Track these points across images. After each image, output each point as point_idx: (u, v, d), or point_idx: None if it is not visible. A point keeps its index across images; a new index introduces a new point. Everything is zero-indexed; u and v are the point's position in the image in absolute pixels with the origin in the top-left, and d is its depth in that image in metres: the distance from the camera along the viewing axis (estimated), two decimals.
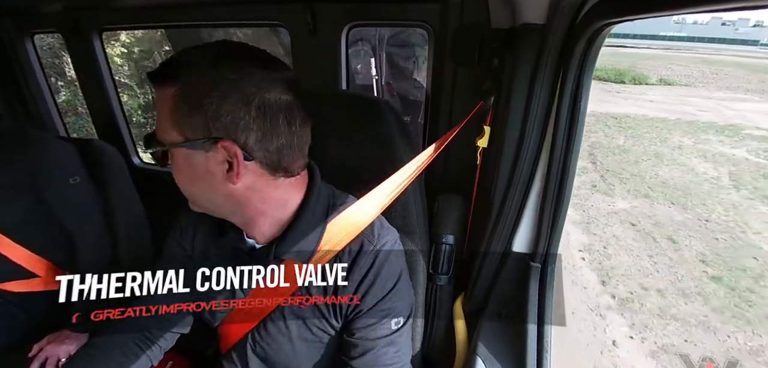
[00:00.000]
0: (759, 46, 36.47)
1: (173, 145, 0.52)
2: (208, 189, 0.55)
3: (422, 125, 1.26)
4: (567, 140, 0.66)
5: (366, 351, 0.60)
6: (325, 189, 0.65)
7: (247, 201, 0.56)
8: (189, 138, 0.51)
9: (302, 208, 0.60)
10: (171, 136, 0.52)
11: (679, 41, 36.51)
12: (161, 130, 0.53)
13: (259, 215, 0.59)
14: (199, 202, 0.58)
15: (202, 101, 0.49)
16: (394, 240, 0.64)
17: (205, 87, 0.49)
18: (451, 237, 0.89)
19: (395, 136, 0.77)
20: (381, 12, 1.02)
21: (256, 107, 0.51)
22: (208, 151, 0.51)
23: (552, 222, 0.71)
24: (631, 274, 3.17)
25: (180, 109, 0.50)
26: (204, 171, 0.53)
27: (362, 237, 0.62)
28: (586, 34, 0.57)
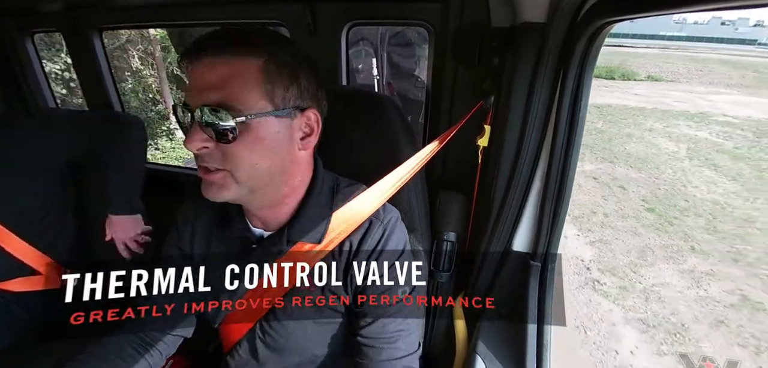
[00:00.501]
0: (756, 45, 36.97)
1: (263, 114, 0.53)
2: (278, 158, 0.56)
3: (423, 124, 1.26)
4: (567, 139, 0.66)
5: (374, 320, 0.62)
6: (328, 175, 0.69)
7: (297, 172, 0.61)
8: (279, 107, 0.54)
9: (311, 191, 0.64)
10: (259, 104, 0.52)
11: (677, 41, 36.83)
12: (241, 99, 0.51)
13: (290, 192, 0.62)
14: (258, 177, 0.56)
15: (297, 73, 0.55)
16: (398, 216, 0.68)
17: (295, 61, 0.55)
18: (453, 235, 0.89)
19: (398, 133, 0.77)
20: (381, 11, 1.02)
21: (320, 82, 0.60)
22: (293, 118, 0.56)
23: (552, 221, 0.71)
24: (585, 204, 4.29)
25: (275, 78, 0.53)
26: (285, 138, 0.56)
27: (371, 217, 0.65)
28: (586, 33, 0.57)
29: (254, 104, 0.52)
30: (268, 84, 0.52)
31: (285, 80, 0.54)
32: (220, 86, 0.51)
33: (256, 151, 0.54)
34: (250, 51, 0.52)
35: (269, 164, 0.56)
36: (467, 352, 0.79)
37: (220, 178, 0.55)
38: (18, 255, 1.04)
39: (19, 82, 1.52)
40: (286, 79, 0.54)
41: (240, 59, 0.51)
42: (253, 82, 0.52)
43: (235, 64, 0.51)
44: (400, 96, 2.40)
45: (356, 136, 0.79)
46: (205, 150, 0.53)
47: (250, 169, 0.55)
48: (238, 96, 0.51)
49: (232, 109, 0.50)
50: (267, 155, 0.55)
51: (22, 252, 1.05)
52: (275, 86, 0.53)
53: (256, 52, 0.52)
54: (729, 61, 17.80)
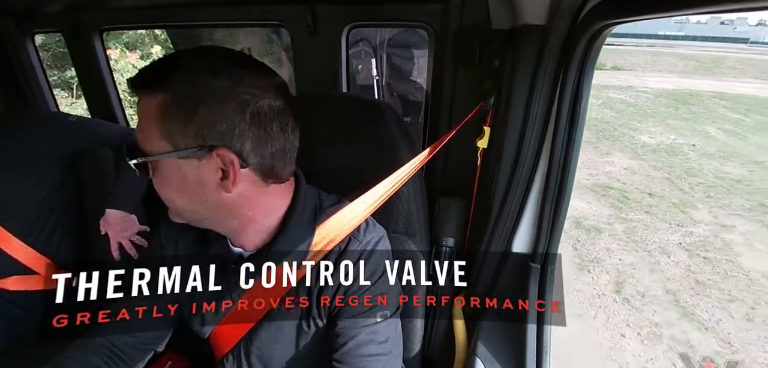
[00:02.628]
0: (749, 44, 38.61)
1: (163, 155, 0.50)
2: (197, 198, 0.53)
3: (422, 125, 1.26)
4: (567, 141, 0.66)
5: (346, 342, 0.59)
6: (312, 193, 0.65)
7: (237, 209, 0.56)
8: (180, 147, 0.49)
9: (290, 214, 0.60)
10: (158, 145, 0.50)
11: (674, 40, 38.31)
12: (145, 139, 0.50)
13: (247, 222, 0.58)
14: (184, 213, 0.56)
15: (196, 108, 0.48)
16: (379, 237, 0.65)
17: (199, 94, 0.48)
18: (451, 240, 0.89)
19: (397, 139, 0.77)
20: (381, 12, 1.02)
21: (251, 114, 0.50)
22: (201, 159, 0.50)
23: (552, 223, 0.71)
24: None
25: (171, 117, 0.48)
26: (195, 180, 0.51)
27: (350, 236, 0.62)
28: (586, 34, 0.57)
29: (153, 144, 0.50)
30: (165, 123, 0.49)
31: (181, 118, 0.48)
32: (138, 125, 0.52)
33: (168, 189, 0.53)
34: (152, 87, 0.49)
35: (188, 202, 0.54)
36: (467, 354, 0.79)
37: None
38: (17, 255, 1.04)
39: (19, 82, 1.52)
40: (183, 116, 0.48)
41: (146, 97, 0.50)
42: (153, 121, 0.49)
43: (143, 103, 0.50)
44: (400, 97, 2.40)
45: (355, 143, 0.79)
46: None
47: (171, 203, 0.55)
48: (143, 136, 0.51)
49: (138, 149, 0.51)
50: (181, 194, 0.53)
51: (20, 252, 1.05)
52: (172, 124, 0.49)
53: (157, 87, 0.49)
54: (684, 55, 20.54)
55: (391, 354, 0.61)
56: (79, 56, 1.41)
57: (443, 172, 1.02)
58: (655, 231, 3.70)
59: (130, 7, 1.27)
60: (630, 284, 2.94)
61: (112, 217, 1.08)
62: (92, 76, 1.42)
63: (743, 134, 7.17)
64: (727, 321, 2.56)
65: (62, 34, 1.39)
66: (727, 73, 15.49)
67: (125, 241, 1.09)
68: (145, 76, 0.50)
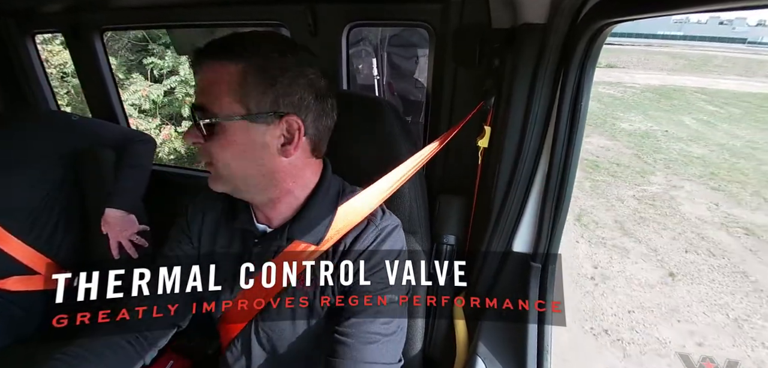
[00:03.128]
0: (746, 43, 40.39)
1: (237, 116, 0.54)
2: (255, 162, 0.57)
3: (423, 125, 1.26)
4: (568, 140, 0.66)
5: (352, 316, 0.61)
6: (336, 179, 0.69)
7: (285, 177, 0.61)
8: (253, 112, 0.55)
9: (316, 191, 0.65)
10: (231, 108, 0.54)
11: (672, 39, 39.50)
12: (215, 103, 0.55)
13: (285, 194, 0.63)
14: (234, 178, 0.59)
15: (276, 79, 0.55)
16: (396, 224, 0.68)
17: (277, 67, 0.55)
18: (452, 238, 0.89)
19: (397, 136, 0.77)
20: (382, 12, 1.02)
21: (316, 90, 0.59)
22: (269, 124, 0.56)
23: (553, 222, 0.71)
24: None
25: (250, 84, 0.54)
26: (260, 143, 0.56)
27: (367, 220, 0.66)
28: (587, 33, 0.57)
29: (227, 107, 0.54)
30: (241, 89, 0.54)
31: (260, 86, 0.55)
32: (205, 89, 0.56)
33: (229, 152, 0.56)
34: (230, 57, 0.54)
35: (244, 166, 0.58)
36: (468, 353, 0.79)
37: (212, 170, 0.60)
38: (17, 255, 1.05)
39: (19, 82, 1.52)
40: (262, 85, 0.55)
41: (221, 65, 0.54)
42: (227, 86, 0.54)
43: (217, 69, 0.55)
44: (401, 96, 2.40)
45: (355, 140, 0.79)
46: (197, 145, 0.58)
47: (225, 168, 0.58)
48: (214, 99, 0.55)
49: (206, 110, 0.55)
50: (240, 157, 0.57)
51: (21, 252, 1.05)
52: (250, 91, 0.54)
53: (235, 58, 0.54)
54: (675, 54, 22.69)
55: (393, 337, 0.62)
56: (79, 56, 1.41)
57: (443, 170, 1.02)
58: (616, 187, 4.67)
59: (129, 7, 1.27)
60: (587, 216, 3.93)
61: (112, 217, 1.08)
62: (93, 76, 1.42)
63: (715, 123, 8.15)
64: (656, 239, 3.55)
65: (62, 34, 1.39)
66: (714, 70, 17.19)
67: (125, 241, 1.09)
68: (225, 45, 0.55)
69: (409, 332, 0.82)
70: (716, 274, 3.02)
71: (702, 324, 2.50)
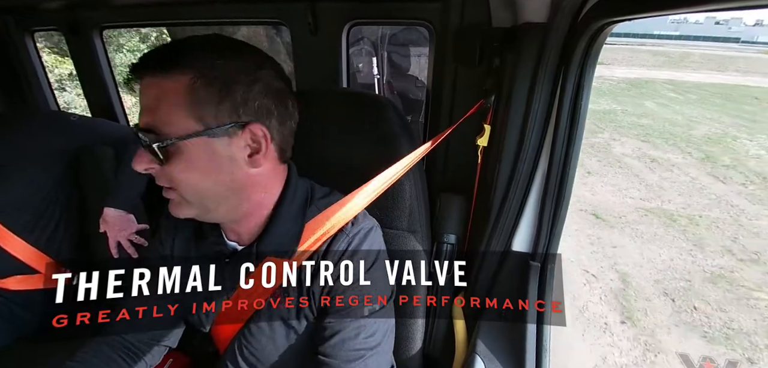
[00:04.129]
0: (740, 43, 43.13)
1: (193, 134, 0.49)
2: (223, 177, 0.53)
3: (423, 124, 1.25)
4: (568, 139, 0.66)
5: (333, 335, 0.58)
6: (303, 183, 0.65)
7: (256, 188, 0.57)
8: (211, 126, 0.50)
9: (282, 200, 0.61)
10: (186, 125, 0.49)
11: (668, 39, 41.50)
12: (167, 122, 0.49)
13: (256, 207, 0.59)
14: (203, 198, 0.55)
15: (231, 87, 0.50)
16: (368, 229, 0.64)
17: (230, 73, 0.50)
18: (453, 237, 0.89)
19: (398, 134, 0.77)
20: (382, 10, 1.01)
21: (275, 93, 0.54)
22: (232, 136, 0.52)
23: (552, 221, 0.71)
24: None
25: (202, 97, 0.49)
26: (225, 158, 0.52)
27: (339, 230, 0.62)
28: (587, 32, 0.57)
29: (181, 125, 0.49)
30: (195, 103, 0.49)
31: (215, 97, 0.50)
32: (151, 108, 0.50)
33: (193, 172, 0.52)
34: (177, 70, 0.49)
35: (212, 184, 0.53)
36: (467, 352, 0.79)
37: (174, 197, 0.54)
38: (17, 254, 1.05)
39: (19, 80, 1.52)
40: (217, 95, 0.50)
41: (166, 79, 0.49)
42: (178, 102, 0.49)
43: (162, 84, 0.49)
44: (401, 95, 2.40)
45: (355, 138, 0.79)
46: (152, 170, 0.52)
47: (194, 190, 0.53)
48: (165, 118, 0.49)
49: (158, 131, 0.49)
50: (206, 176, 0.52)
51: (21, 251, 1.05)
52: (204, 104, 0.49)
53: (182, 70, 0.49)
54: (658, 52, 25.28)
55: (378, 349, 0.60)
56: (79, 54, 1.41)
57: (444, 169, 1.02)
58: None
59: (129, 5, 1.26)
60: None
61: (111, 216, 1.08)
62: (92, 74, 1.42)
63: (671, 106, 9.64)
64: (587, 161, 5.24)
65: (62, 31, 1.39)
66: (689, 66, 19.31)
67: (124, 240, 1.09)
68: (163, 57, 0.50)
69: (408, 331, 0.82)
70: (620, 177, 4.82)
71: (600, 194, 4.32)
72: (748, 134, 7.05)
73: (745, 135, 7.01)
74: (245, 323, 0.64)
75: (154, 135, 0.49)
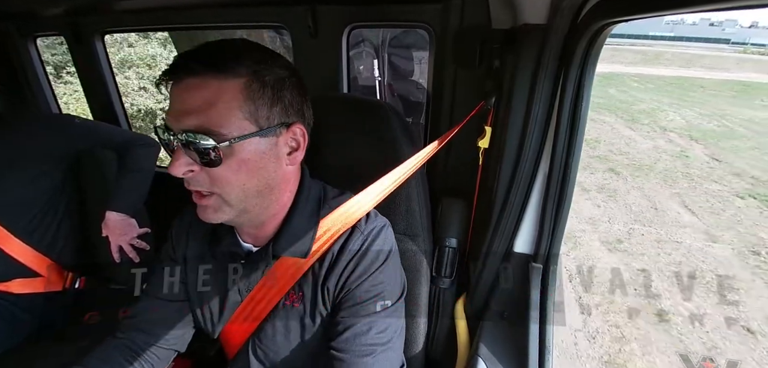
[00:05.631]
0: (729, 44, 45.71)
1: (249, 134, 0.50)
2: (266, 176, 0.55)
3: (423, 126, 1.25)
4: (568, 140, 0.66)
5: (345, 330, 0.58)
6: (316, 184, 0.67)
7: (286, 186, 0.60)
8: (263, 126, 0.52)
9: (297, 200, 0.62)
10: (241, 126, 0.50)
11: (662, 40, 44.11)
12: (222, 124, 0.49)
13: (281, 208, 0.61)
14: (247, 198, 0.54)
15: (282, 91, 0.53)
16: (381, 226, 0.65)
17: (279, 78, 0.53)
18: (454, 240, 0.89)
19: (399, 139, 0.77)
20: (382, 13, 1.01)
21: (305, 95, 0.58)
22: (278, 136, 0.54)
23: (554, 222, 0.71)
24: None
25: (257, 98, 0.51)
26: (272, 156, 0.54)
27: (352, 227, 0.64)
28: (587, 33, 0.57)
29: (237, 126, 0.50)
30: (250, 104, 0.50)
31: (268, 99, 0.52)
32: (201, 110, 0.49)
33: (243, 173, 0.52)
34: (231, 71, 0.49)
35: (257, 183, 0.54)
36: (469, 354, 0.79)
37: (212, 201, 0.54)
38: (18, 257, 1.05)
39: (21, 84, 1.52)
40: (270, 97, 0.52)
41: (220, 80, 0.49)
42: (234, 104, 0.49)
43: (216, 86, 0.49)
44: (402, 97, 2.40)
45: (358, 144, 0.79)
46: (191, 174, 0.51)
47: (239, 191, 0.53)
48: (220, 119, 0.49)
49: (214, 133, 0.48)
50: (254, 175, 0.53)
51: (22, 253, 1.05)
52: (258, 106, 0.51)
53: (237, 72, 0.49)
54: (638, 51, 27.77)
55: (390, 345, 0.60)
56: (81, 58, 1.41)
57: (445, 172, 1.02)
58: None
59: (130, 10, 1.27)
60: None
61: (112, 221, 1.08)
62: (94, 78, 1.42)
63: (629, 92, 11.55)
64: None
65: (64, 37, 1.39)
66: (662, 63, 21.58)
67: (125, 244, 1.09)
68: (215, 57, 0.49)
69: (411, 333, 0.82)
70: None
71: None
72: (674, 110, 9.62)
73: (672, 110, 9.56)
74: (260, 324, 0.65)
75: (206, 137, 0.48)
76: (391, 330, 0.61)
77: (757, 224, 3.94)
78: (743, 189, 4.86)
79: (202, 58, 0.49)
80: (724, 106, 10.31)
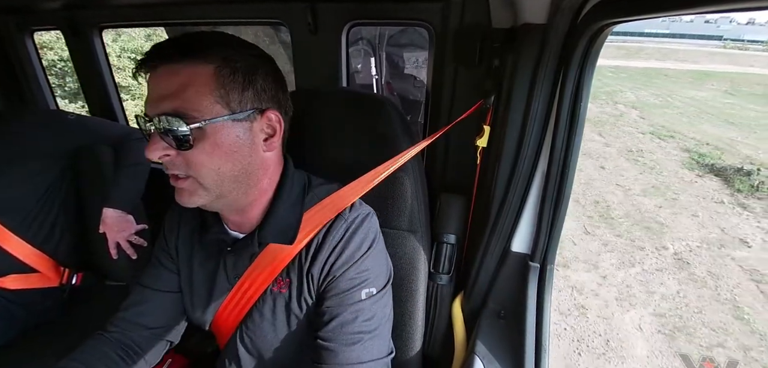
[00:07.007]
0: (722, 40, 48.14)
1: (221, 118, 0.52)
2: (242, 161, 0.56)
3: (422, 124, 1.25)
4: (567, 140, 0.66)
5: (332, 319, 0.59)
6: (299, 173, 0.68)
7: (263, 173, 0.60)
8: (236, 110, 0.53)
9: (281, 189, 0.63)
10: (213, 110, 0.52)
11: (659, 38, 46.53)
12: (197, 106, 0.51)
13: (260, 194, 0.61)
14: (222, 182, 0.56)
15: (254, 76, 0.55)
16: (367, 213, 0.66)
17: (252, 64, 0.55)
18: (453, 237, 0.89)
19: (398, 133, 0.77)
20: (382, 11, 1.01)
21: (281, 84, 0.60)
22: (253, 121, 0.56)
23: (551, 222, 0.71)
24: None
25: (228, 83, 0.53)
26: (247, 141, 0.55)
27: (336, 215, 0.64)
28: (586, 33, 0.57)
29: (209, 109, 0.52)
30: (221, 88, 0.52)
31: (239, 84, 0.53)
32: (175, 94, 0.51)
33: (216, 156, 0.53)
34: (202, 57, 0.52)
35: (232, 167, 0.55)
36: (466, 352, 0.79)
37: (188, 184, 0.55)
38: (15, 253, 1.04)
39: (18, 79, 1.51)
40: (241, 82, 0.53)
41: (193, 66, 0.51)
42: (206, 89, 0.51)
43: (189, 71, 0.51)
44: (400, 96, 2.40)
45: (356, 137, 0.79)
46: (167, 158, 0.53)
47: (214, 175, 0.54)
48: (193, 103, 0.51)
49: (186, 116, 0.51)
50: (228, 159, 0.54)
51: (19, 249, 1.05)
52: (230, 90, 0.53)
53: (207, 58, 0.52)
54: (622, 46, 29.47)
55: (377, 332, 0.61)
56: (78, 53, 1.40)
57: (444, 169, 1.02)
58: None
59: (128, 5, 1.26)
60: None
61: (110, 218, 1.07)
62: (91, 73, 1.42)
63: (602, 80, 12.71)
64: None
65: (61, 31, 1.38)
66: (642, 57, 23.24)
67: (123, 241, 1.09)
68: (186, 46, 0.52)
69: (408, 330, 0.82)
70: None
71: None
72: (631, 91, 11.47)
73: (629, 91, 11.41)
74: (248, 311, 0.66)
75: (179, 120, 0.50)
76: (378, 317, 0.61)
77: (643, 141, 6.88)
78: (651, 130, 7.62)
79: (176, 46, 0.52)
80: (676, 89, 12.74)
